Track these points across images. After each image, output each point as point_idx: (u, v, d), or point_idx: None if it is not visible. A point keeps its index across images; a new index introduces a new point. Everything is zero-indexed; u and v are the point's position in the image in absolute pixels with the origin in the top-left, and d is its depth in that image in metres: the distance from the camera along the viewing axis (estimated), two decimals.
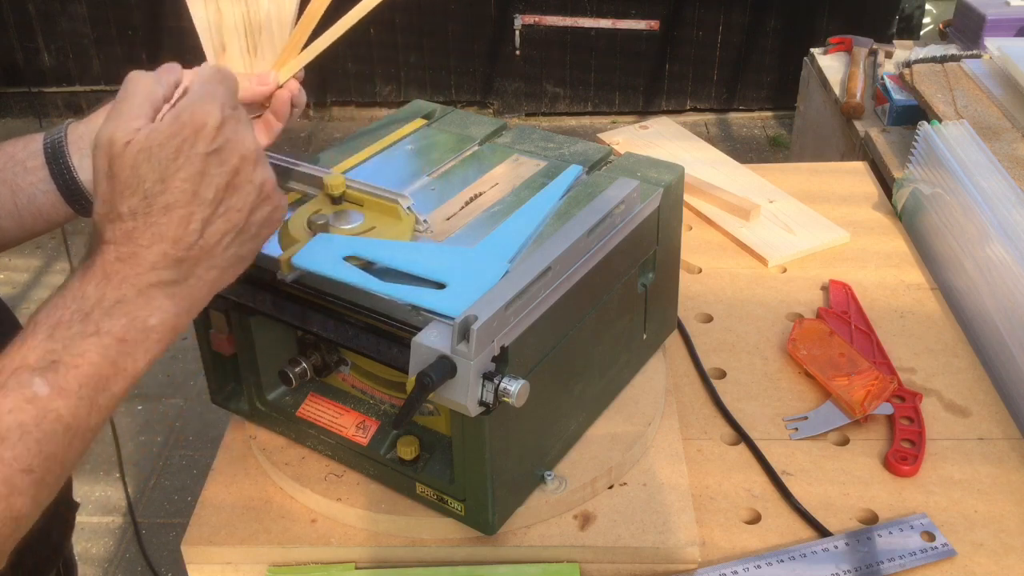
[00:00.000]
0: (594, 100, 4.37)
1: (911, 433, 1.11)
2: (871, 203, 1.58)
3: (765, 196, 1.57)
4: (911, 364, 1.23)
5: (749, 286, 1.39)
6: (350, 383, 1.03)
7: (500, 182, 1.07)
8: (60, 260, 3.33)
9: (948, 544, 0.98)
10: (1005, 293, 1.24)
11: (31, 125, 4.11)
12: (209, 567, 0.99)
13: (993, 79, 1.84)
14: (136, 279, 0.68)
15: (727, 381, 1.21)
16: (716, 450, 1.11)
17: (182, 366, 2.92)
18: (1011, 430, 1.13)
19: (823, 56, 2.27)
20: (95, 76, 4.24)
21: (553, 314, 0.90)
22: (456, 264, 0.90)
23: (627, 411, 1.08)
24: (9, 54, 4.17)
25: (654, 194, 1.03)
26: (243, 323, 0.99)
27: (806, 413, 1.15)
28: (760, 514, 1.03)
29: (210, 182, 0.69)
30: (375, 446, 0.97)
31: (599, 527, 0.97)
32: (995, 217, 1.31)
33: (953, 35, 2.19)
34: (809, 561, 0.96)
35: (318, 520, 0.99)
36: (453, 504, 0.94)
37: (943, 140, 1.49)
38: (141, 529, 2.41)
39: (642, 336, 1.11)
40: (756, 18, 4.12)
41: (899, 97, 1.90)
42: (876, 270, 1.41)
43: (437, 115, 1.23)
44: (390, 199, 0.96)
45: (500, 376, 0.81)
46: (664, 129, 1.81)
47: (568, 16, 4.15)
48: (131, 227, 0.69)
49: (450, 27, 4.18)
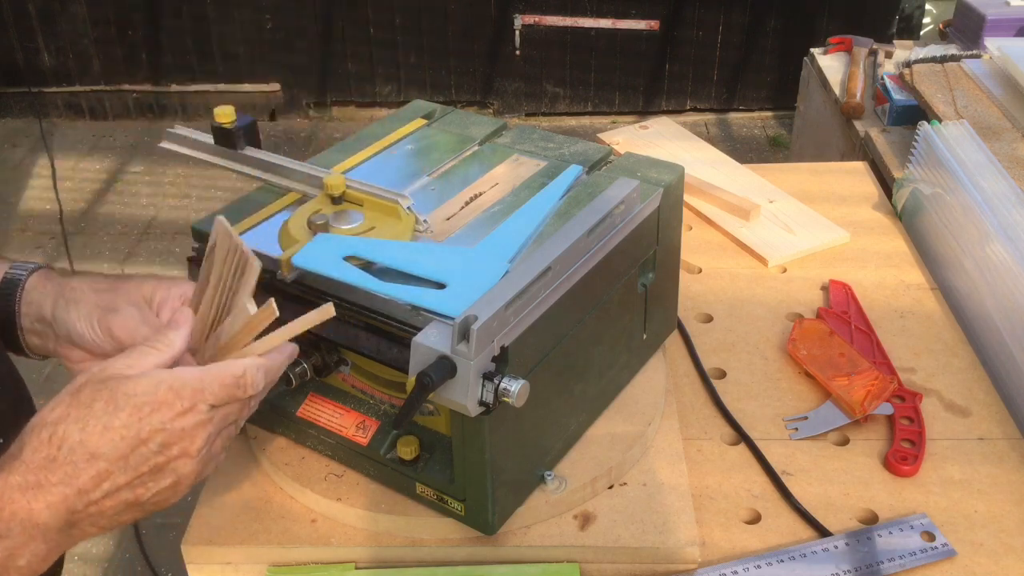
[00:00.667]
0: (594, 100, 4.36)
1: (911, 433, 1.11)
2: (871, 203, 1.58)
3: (765, 196, 1.57)
4: (911, 364, 1.23)
5: (749, 286, 1.39)
6: (350, 383, 1.03)
7: (500, 182, 1.07)
8: (61, 260, 3.33)
9: (948, 544, 0.98)
10: (1005, 293, 1.24)
11: (31, 125, 4.11)
12: (209, 567, 0.99)
13: (993, 79, 1.84)
14: (25, 516, 0.67)
15: (727, 381, 1.21)
16: (716, 450, 1.11)
17: None
18: (1011, 430, 1.13)
19: (823, 56, 2.26)
20: (95, 76, 4.24)
21: (553, 314, 0.90)
22: (456, 264, 0.90)
23: (627, 411, 1.08)
24: (9, 54, 4.17)
25: (654, 194, 1.03)
26: None
27: (806, 413, 1.15)
28: (760, 514, 1.03)
29: (143, 456, 0.70)
30: (375, 446, 0.97)
31: (599, 527, 0.97)
32: (995, 217, 1.31)
33: (953, 35, 2.19)
34: (809, 561, 0.96)
35: (318, 520, 0.99)
36: (453, 504, 0.94)
37: (943, 140, 1.49)
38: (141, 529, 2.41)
39: (642, 336, 1.11)
40: (756, 18, 4.12)
41: (899, 97, 1.90)
42: (876, 270, 1.41)
43: (437, 115, 1.23)
44: (390, 199, 0.96)
45: (500, 376, 0.81)
46: (664, 129, 1.81)
47: (568, 16, 4.15)
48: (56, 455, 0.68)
49: (450, 27, 4.18)
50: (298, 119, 4.37)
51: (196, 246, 0.99)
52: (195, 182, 3.79)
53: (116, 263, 3.33)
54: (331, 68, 4.27)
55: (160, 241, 3.46)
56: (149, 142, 4.10)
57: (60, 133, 4.16)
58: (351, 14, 4.13)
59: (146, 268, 3.31)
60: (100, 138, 4.16)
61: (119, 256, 3.37)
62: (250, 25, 4.09)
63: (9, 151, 4.04)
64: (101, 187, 3.80)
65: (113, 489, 0.70)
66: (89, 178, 3.86)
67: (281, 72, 4.26)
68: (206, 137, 1.08)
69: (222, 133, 1.06)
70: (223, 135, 1.06)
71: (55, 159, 3.91)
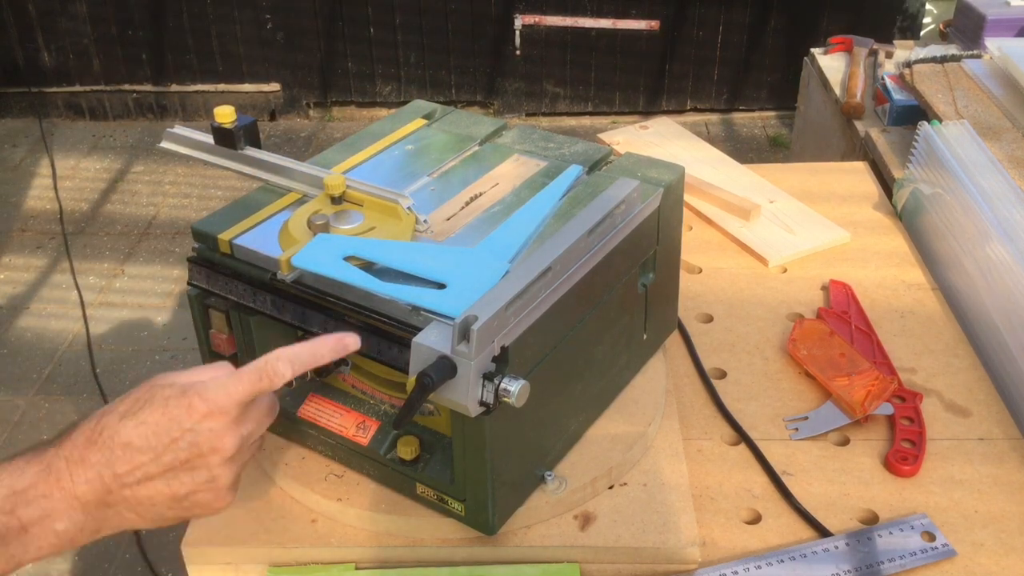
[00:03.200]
0: (594, 100, 4.36)
1: (911, 433, 1.11)
2: (871, 203, 1.58)
3: (765, 196, 1.57)
4: (911, 364, 1.23)
5: (749, 286, 1.39)
6: (350, 383, 1.03)
7: (500, 182, 1.07)
8: (62, 260, 3.33)
9: (948, 544, 0.98)
10: (1005, 293, 1.24)
11: (31, 125, 4.11)
12: (209, 567, 0.99)
13: (993, 79, 1.84)
14: (68, 484, 0.73)
15: (727, 381, 1.21)
16: (716, 450, 1.11)
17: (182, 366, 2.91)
18: (1011, 430, 1.13)
19: (823, 56, 2.26)
20: (95, 76, 4.23)
21: (553, 314, 0.90)
22: (456, 264, 0.90)
23: (627, 411, 1.08)
24: (9, 54, 4.17)
25: (654, 194, 1.03)
26: (243, 323, 0.99)
27: (806, 413, 1.15)
28: (760, 514, 1.03)
29: (174, 450, 0.74)
30: (375, 446, 0.97)
31: (599, 527, 0.97)
32: (995, 217, 1.31)
33: (953, 35, 2.19)
34: (809, 561, 0.96)
35: (318, 520, 0.99)
36: (453, 504, 0.94)
37: (943, 140, 1.49)
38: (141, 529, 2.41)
39: (642, 336, 1.11)
40: (757, 17, 4.11)
41: (899, 97, 1.90)
42: (876, 270, 1.41)
43: (437, 115, 1.23)
44: (390, 199, 0.96)
45: (500, 376, 0.81)
46: (664, 129, 1.81)
47: (568, 16, 4.15)
48: (96, 438, 0.74)
49: (450, 27, 4.18)
50: (298, 119, 4.37)
51: (196, 246, 0.99)
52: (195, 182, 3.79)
53: (116, 263, 3.33)
54: (331, 68, 4.27)
55: (160, 241, 3.46)
56: (149, 142, 4.09)
57: (60, 133, 4.16)
58: (351, 14, 4.13)
59: (146, 268, 3.31)
60: (100, 138, 4.16)
61: (119, 256, 3.37)
62: (250, 25, 4.09)
63: (9, 151, 4.04)
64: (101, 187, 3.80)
65: (145, 478, 0.74)
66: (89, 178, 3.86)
67: (281, 72, 4.25)
68: (206, 137, 1.08)
69: (222, 133, 1.06)
70: (223, 135, 1.06)
71: (55, 159, 3.91)
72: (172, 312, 3.09)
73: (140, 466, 0.73)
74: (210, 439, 0.74)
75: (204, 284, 0.99)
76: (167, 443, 0.73)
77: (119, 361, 2.90)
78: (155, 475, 0.74)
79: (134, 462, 0.73)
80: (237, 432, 0.76)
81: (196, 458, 0.74)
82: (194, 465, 0.75)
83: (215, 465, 0.75)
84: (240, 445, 0.76)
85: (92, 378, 2.82)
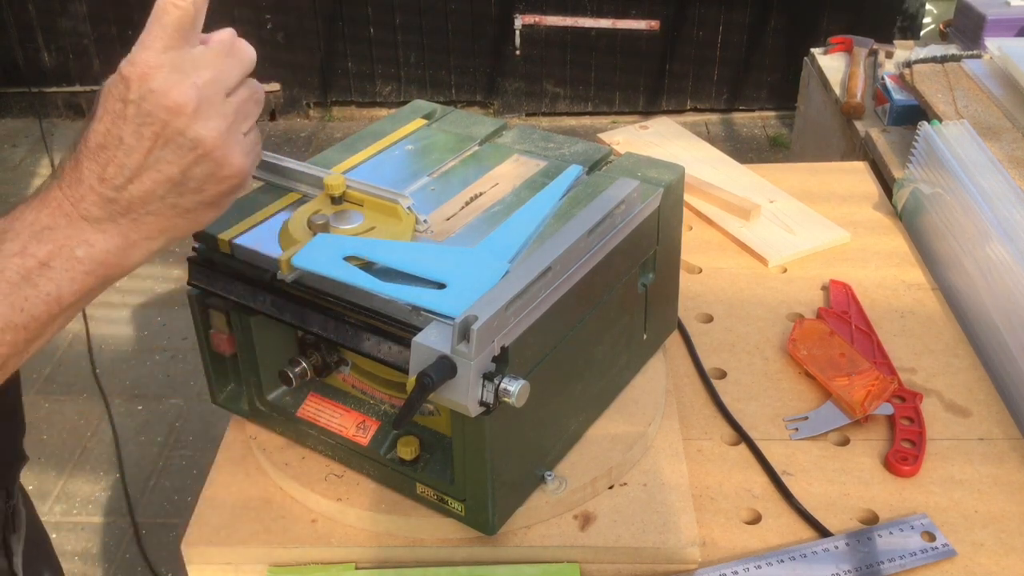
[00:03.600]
0: (594, 100, 4.36)
1: (911, 433, 1.11)
2: (871, 203, 1.58)
3: (765, 196, 1.57)
4: (911, 364, 1.23)
5: (749, 286, 1.39)
6: (350, 383, 1.03)
7: (500, 182, 1.07)
8: None
9: (948, 544, 0.98)
10: (1005, 293, 1.24)
11: (31, 125, 4.11)
12: (209, 567, 0.99)
13: (993, 79, 1.84)
14: (70, 209, 0.69)
15: (727, 381, 1.21)
16: (716, 450, 1.11)
17: (182, 366, 2.92)
18: (1011, 430, 1.13)
19: (823, 56, 2.26)
20: (95, 76, 4.24)
21: (553, 314, 0.90)
22: (456, 264, 0.90)
23: (627, 411, 1.08)
24: (9, 54, 4.17)
25: (654, 194, 1.03)
26: (243, 323, 0.99)
27: (806, 413, 1.15)
28: (760, 514, 1.03)
29: (135, 128, 0.68)
30: (375, 446, 0.97)
31: (599, 527, 0.97)
32: (995, 217, 1.31)
33: (953, 35, 2.19)
34: (809, 561, 0.96)
35: (318, 520, 0.99)
36: (453, 504, 0.94)
37: (943, 140, 1.49)
38: (141, 529, 2.41)
39: (642, 336, 1.11)
40: (757, 17, 4.12)
41: (899, 97, 1.90)
42: (876, 270, 1.41)
43: (437, 115, 1.23)
44: (390, 199, 0.96)
45: (500, 376, 0.81)
46: (664, 129, 1.81)
47: (568, 16, 4.15)
48: (80, 158, 0.70)
49: (450, 27, 4.18)
50: (298, 119, 4.37)
51: (196, 246, 0.99)
52: None
53: None
54: (331, 68, 4.28)
55: None
56: None
57: (60, 133, 4.16)
58: (351, 14, 4.13)
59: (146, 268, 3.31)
60: None
61: None
62: (250, 25, 4.09)
63: (9, 151, 4.04)
64: None
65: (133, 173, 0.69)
66: None
67: (281, 72, 4.26)
68: None
69: None
70: None
71: (55, 159, 3.91)
72: (172, 312, 3.10)
73: (117, 161, 0.68)
74: (158, 100, 0.67)
75: (204, 284, 0.99)
76: (124, 126, 0.68)
77: (119, 361, 2.90)
78: (138, 165, 0.69)
79: (113, 160, 0.68)
80: (185, 81, 0.68)
81: (160, 128, 0.68)
82: (165, 136, 0.68)
83: (185, 128, 0.68)
84: (199, 96, 0.68)
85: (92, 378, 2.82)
